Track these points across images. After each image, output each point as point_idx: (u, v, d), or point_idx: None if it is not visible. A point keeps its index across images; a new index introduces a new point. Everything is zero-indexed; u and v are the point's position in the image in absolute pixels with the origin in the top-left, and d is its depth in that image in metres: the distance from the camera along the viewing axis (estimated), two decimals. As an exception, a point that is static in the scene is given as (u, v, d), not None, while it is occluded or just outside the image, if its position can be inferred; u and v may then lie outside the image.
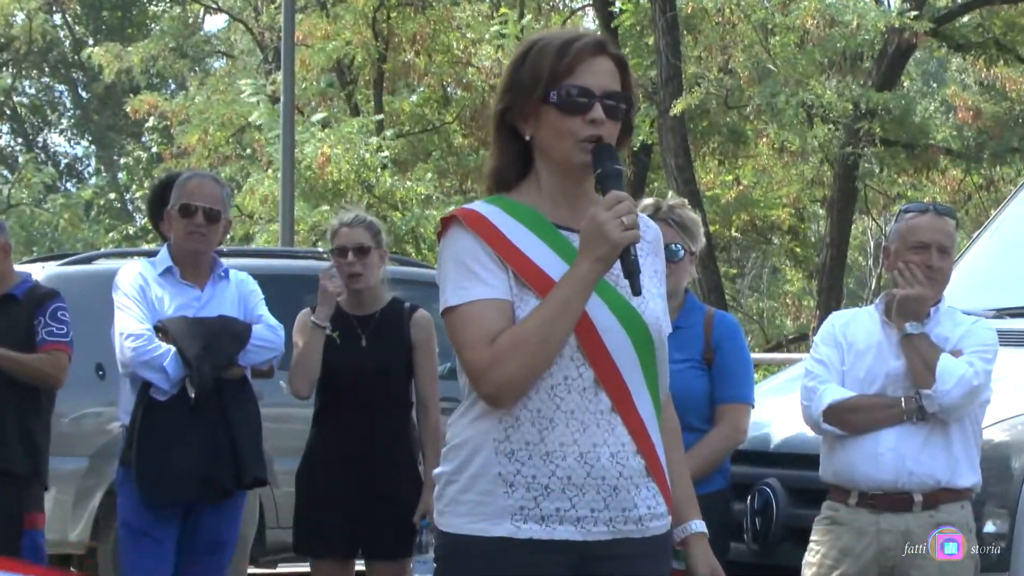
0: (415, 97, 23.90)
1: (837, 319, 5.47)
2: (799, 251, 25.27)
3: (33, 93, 37.22)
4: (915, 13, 18.02)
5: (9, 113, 36.21)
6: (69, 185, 36.28)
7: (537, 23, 22.07)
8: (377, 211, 18.98)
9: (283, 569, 9.78)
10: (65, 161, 37.78)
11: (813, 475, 5.46)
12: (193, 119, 23.16)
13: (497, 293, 3.29)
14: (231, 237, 18.24)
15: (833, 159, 19.50)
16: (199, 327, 6.16)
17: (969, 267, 7.18)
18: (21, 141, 36.93)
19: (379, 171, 20.15)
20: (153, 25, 32.19)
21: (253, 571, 9.35)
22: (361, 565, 6.49)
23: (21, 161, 32.51)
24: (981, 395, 5.21)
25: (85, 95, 36.44)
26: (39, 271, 8.37)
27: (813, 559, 5.34)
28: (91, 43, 31.98)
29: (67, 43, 34.95)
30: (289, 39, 17.04)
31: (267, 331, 6.31)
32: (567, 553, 3.28)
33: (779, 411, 6.23)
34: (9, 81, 34.50)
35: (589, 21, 24.95)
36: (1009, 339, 5.82)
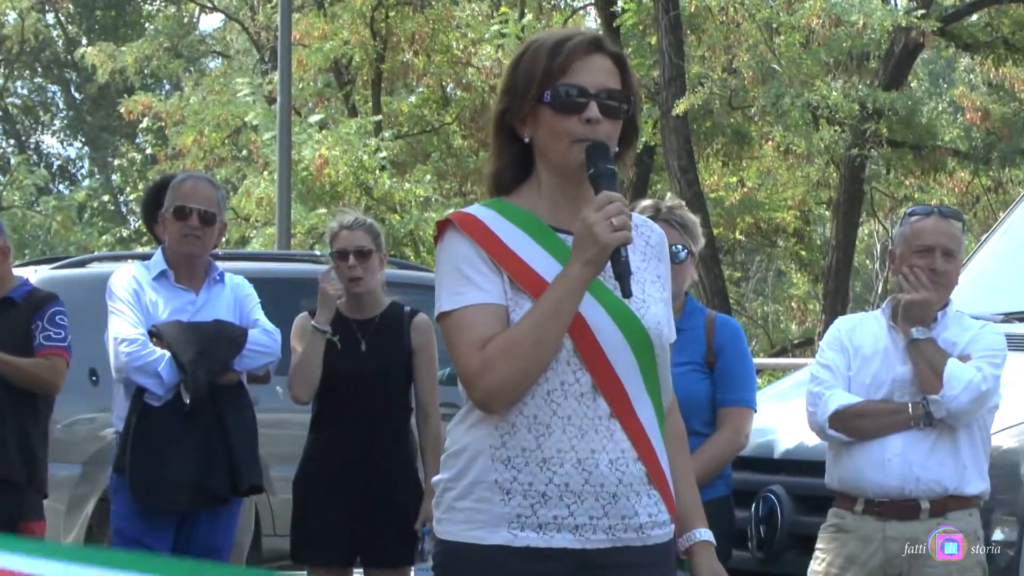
0: (414, 98, 24.05)
1: (843, 324, 5.47)
2: (804, 254, 25.42)
3: (25, 94, 37.48)
4: (922, 12, 17.99)
5: (1, 114, 36.24)
6: (62, 187, 36.50)
7: (538, 22, 22.14)
8: (375, 213, 18.97)
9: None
10: (58, 163, 38.02)
11: (818, 482, 5.44)
12: (188, 120, 23.23)
13: (490, 298, 3.28)
14: (227, 240, 18.07)
15: (839, 161, 19.53)
16: (194, 332, 6.15)
17: (977, 270, 7.23)
18: (13, 142, 37.12)
19: (377, 173, 20.11)
20: (147, 24, 32.39)
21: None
22: (360, 573, 6.49)
23: (13, 163, 32.54)
24: (989, 400, 5.17)
25: (78, 96, 36.62)
26: (31, 275, 8.38)
27: (819, 567, 5.32)
28: (84, 43, 32.15)
29: (60, 43, 35.16)
30: (286, 39, 17.11)
31: (263, 336, 6.29)
32: (566, 561, 3.26)
33: (784, 417, 6.27)
34: (1, 81, 34.48)
35: (591, 20, 25.02)
36: (1018, 343, 5.78)
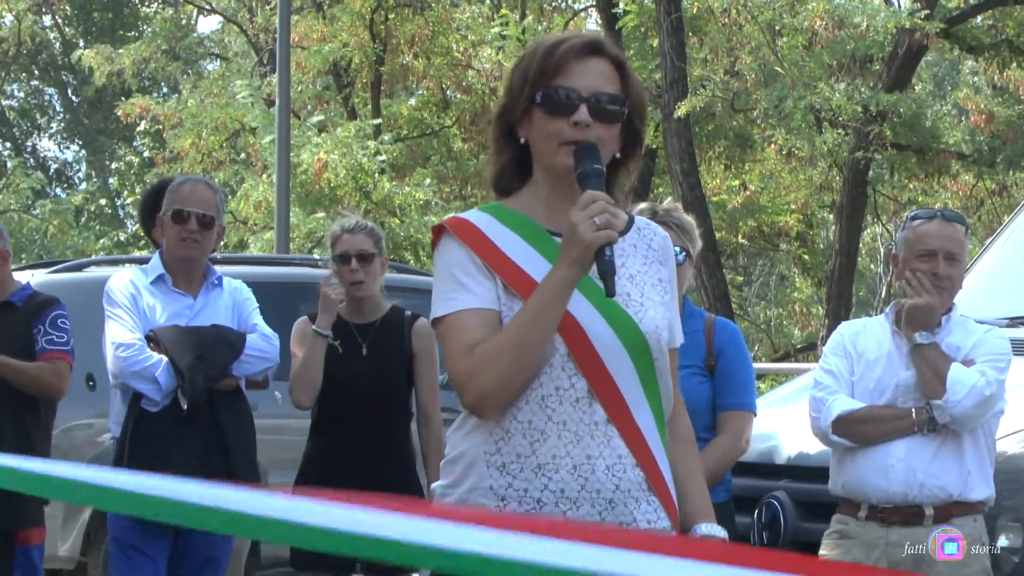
0: (414, 100, 23.99)
1: (846, 329, 5.45)
2: (807, 258, 25.34)
3: (22, 96, 37.39)
4: (926, 14, 17.82)
5: (-3, 117, 36.14)
6: (59, 191, 36.39)
7: (538, 25, 22.02)
8: (375, 217, 18.83)
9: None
10: (55, 166, 37.91)
11: (822, 488, 5.42)
12: (186, 123, 23.14)
13: (481, 303, 3.27)
14: (225, 244, 17.91)
15: (842, 164, 19.40)
16: (192, 336, 6.14)
17: (982, 275, 7.22)
18: (10, 146, 36.99)
19: (376, 176, 19.98)
20: (145, 27, 32.34)
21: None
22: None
23: (9, 166, 32.42)
24: (994, 405, 5.16)
25: (75, 98, 36.52)
26: (28, 279, 8.29)
27: (822, 573, 5.22)
28: (81, 45, 32.05)
29: (57, 45, 35.00)
30: (284, 41, 17.04)
31: (262, 341, 6.27)
32: None
33: (787, 422, 6.27)
34: (-3, 84, 34.43)
35: (592, 22, 24.87)
36: (1023, 348, 5.76)
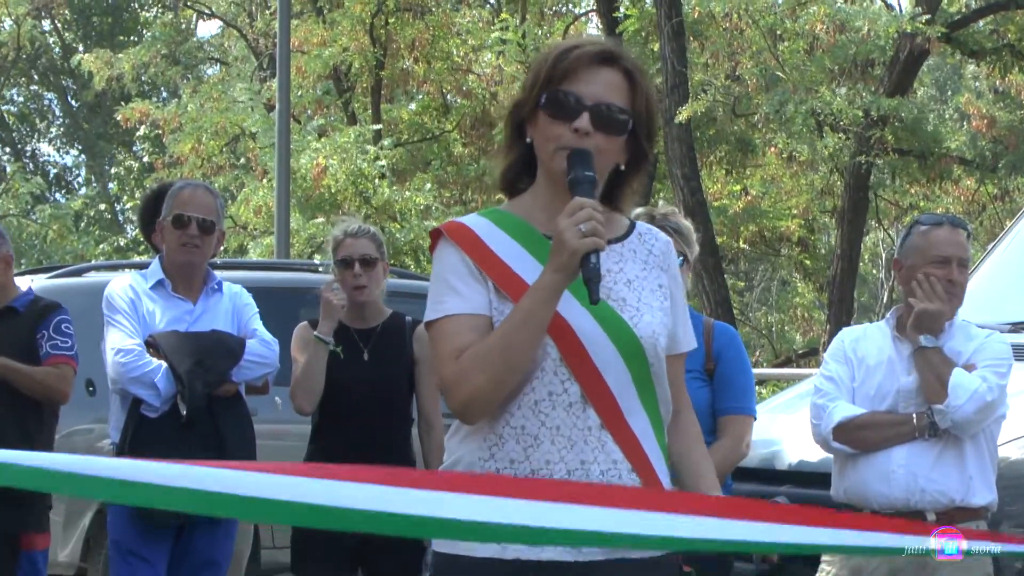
0: (414, 105, 23.95)
1: (847, 335, 5.44)
2: (809, 263, 25.32)
3: (21, 101, 37.40)
4: (927, 18, 17.77)
5: (-3, 122, 36.14)
6: (58, 195, 36.35)
7: (539, 29, 21.96)
8: (375, 222, 18.76)
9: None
10: (54, 171, 37.91)
11: (824, 493, 5.41)
12: (186, 127, 23.12)
13: (471, 307, 3.26)
14: (225, 249, 17.86)
15: (843, 168, 19.33)
16: (191, 342, 6.12)
17: (983, 279, 7.22)
18: (9, 150, 36.95)
19: (376, 181, 19.93)
20: (144, 31, 32.27)
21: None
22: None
23: (9, 171, 32.38)
24: (995, 410, 5.15)
25: (75, 103, 36.54)
26: (28, 284, 8.19)
27: (823, 579, 5.32)
28: (81, 50, 32.03)
29: (56, 50, 34.96)
30: (285, 45, 17.02)
31: (261, 346, 6.25)
32: (557, 574, 3.23)
33: (789, 428, 6.27)
34: (-3, 89, 34.42)
35: (593, 27, 24.83)
36: None
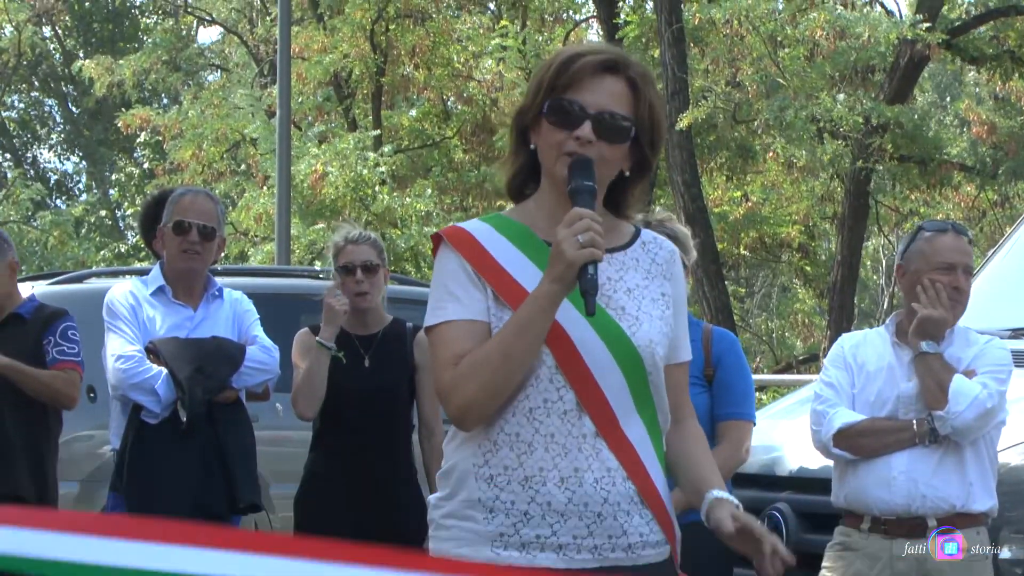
0: (414, 111, 23.91)
1: (847, 341, 5.44)
2: (809, 269, 25.30)
3: (22, 107, 37.30)
4: (928, 25, 17.74)
5: (-2, 128, 36.13)
6: (59, 202, 36.36)
7: (539, 35, 21.93)
8: (375, 228, 18.74)
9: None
10: (55, 177, 37.89)
11: (824, 499, 5.40)
12: (186, 134, 23.11)
13: (469, 313, 3.27)
14: (225, 255, 17.83)
15: (844, 175, 19.31)
16: (191, 348, 6.10)
17: (984, 286, 7.18)
18: (10, 157, 36.93)
19: (377, 188, 19.92)
20: (145, 37, 32.29)
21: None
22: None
23: (9, 177, 32.34)
24: (995, 417, 5.14)
25: (75, 109, 36.50)
26: (29, 291, 8.16)
27: (825, 586, 5.32)
28: (82, 56, 31.99)
29: (57, 56, 34.93)
30: (285, 52, 17.02)
31: (262, 353, 6.23)
32: None
33: (789, 434, 6.24)
34: (-3, 95, 34.40)
35: (593, 33, 24.81)
36: None
